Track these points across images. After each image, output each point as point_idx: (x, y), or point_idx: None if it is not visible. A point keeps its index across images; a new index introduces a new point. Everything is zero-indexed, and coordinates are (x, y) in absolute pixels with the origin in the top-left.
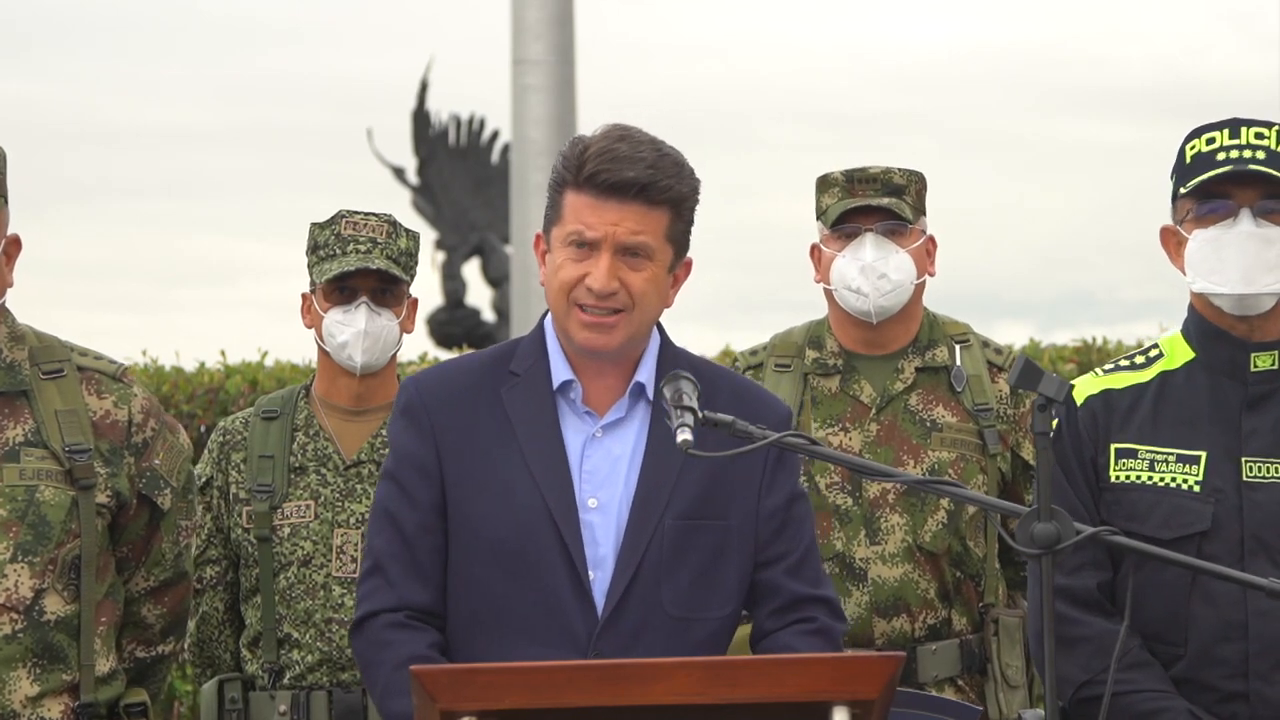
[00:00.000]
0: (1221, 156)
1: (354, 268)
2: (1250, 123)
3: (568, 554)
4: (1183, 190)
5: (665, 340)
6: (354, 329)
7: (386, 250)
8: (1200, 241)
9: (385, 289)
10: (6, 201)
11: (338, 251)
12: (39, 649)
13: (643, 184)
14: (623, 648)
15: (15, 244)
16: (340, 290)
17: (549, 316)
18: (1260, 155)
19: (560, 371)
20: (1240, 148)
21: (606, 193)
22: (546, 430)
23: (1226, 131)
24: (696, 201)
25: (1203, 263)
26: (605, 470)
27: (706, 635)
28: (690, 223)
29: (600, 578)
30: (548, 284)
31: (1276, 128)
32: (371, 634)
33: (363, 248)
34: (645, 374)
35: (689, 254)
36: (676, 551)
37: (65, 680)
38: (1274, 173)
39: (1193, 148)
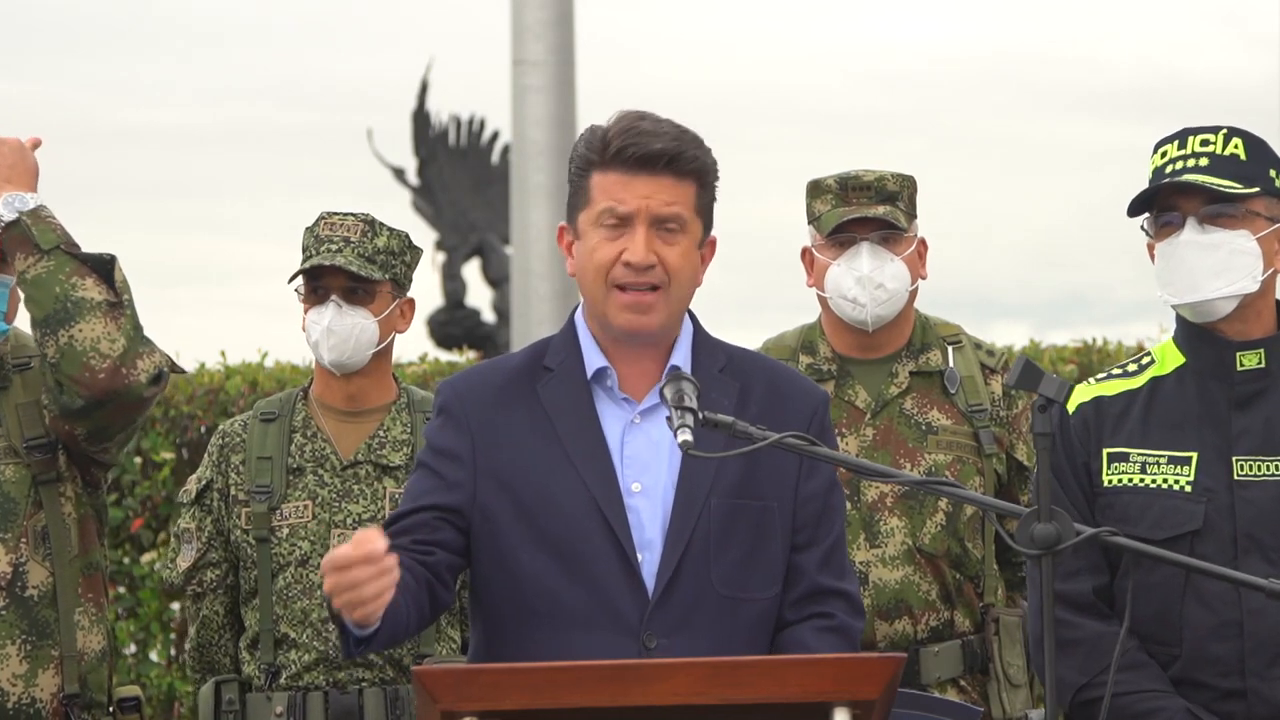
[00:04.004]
0: (1169, 169)
1: (311, 265)
2: (1198, 130)
3: (615, 539)
4: (1131, 209)
5: (699, 326)
6: (321, 326)
7: (359, 249)
8: (1158, 254)
9: (356, 287)
10: None
11: (313, 253)
12: (25, 625)
13: (671, 155)
14: (673, 629)
15: None
16: (315, 290)
17: (579, 310)
18: (1202, 162)
19: (594, 360)
20: (1185, 158)
21: (636, 166)
22: (584, 419)
23: (1176, 143)
24: (718, 175)
25: (1160, 275)
26: (647, 455)
27: (755, 615)
28: (714, 197)
29: (649, 559)
30: (581, 269)
31: (1225, 131)
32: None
33: (334, 246)
34: (680, 357)
35: (713, 233)
36: (724, 531)
37: (55, 656)
38: (1205, 180)
39: (1151, 163)
